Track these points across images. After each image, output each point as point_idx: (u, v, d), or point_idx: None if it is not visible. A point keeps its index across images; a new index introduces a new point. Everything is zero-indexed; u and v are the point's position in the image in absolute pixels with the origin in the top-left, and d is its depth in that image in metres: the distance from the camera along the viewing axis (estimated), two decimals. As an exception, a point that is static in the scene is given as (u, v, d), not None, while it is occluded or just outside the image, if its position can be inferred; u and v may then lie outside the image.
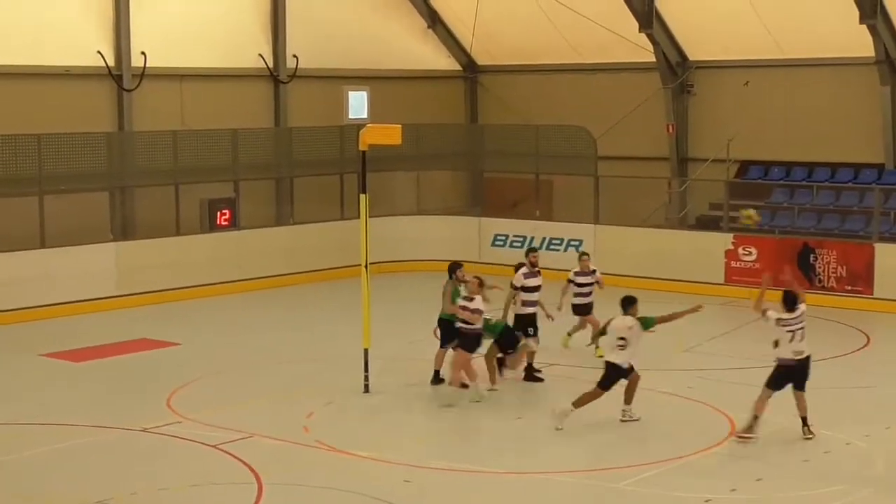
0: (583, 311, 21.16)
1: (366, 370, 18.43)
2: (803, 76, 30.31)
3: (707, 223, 30.09)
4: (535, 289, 19.48)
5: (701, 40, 31.46)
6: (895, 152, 28.98)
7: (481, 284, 18.29)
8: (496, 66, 35.65)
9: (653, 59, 31.59)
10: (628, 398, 16.82)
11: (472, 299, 18.10)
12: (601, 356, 17.99)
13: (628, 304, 16.96)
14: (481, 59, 35.85)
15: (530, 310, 19.42)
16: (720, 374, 19.89)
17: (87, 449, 15.88)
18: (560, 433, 16.51)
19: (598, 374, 16.84)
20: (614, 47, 31.88)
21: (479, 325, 18.09)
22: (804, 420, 15.99)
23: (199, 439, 15.58)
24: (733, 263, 27.62)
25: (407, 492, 14.09)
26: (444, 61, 35.65)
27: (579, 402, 16.59)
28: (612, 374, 16.57)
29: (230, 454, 14.19)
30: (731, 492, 14.08)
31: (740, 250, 27.57)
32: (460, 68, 35.95)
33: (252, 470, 14.67)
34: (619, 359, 16.54)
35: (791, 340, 16.10)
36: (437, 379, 18.89)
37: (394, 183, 31.84)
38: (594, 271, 21.32)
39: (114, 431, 16.54)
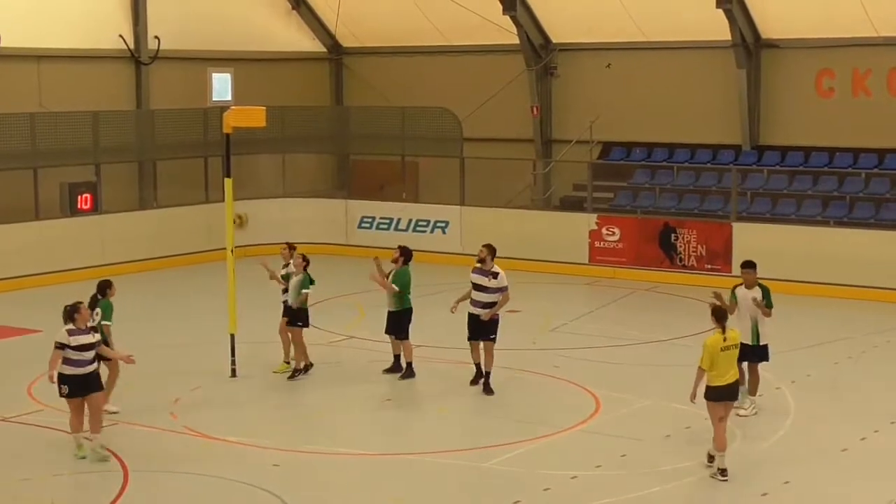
0: None
1: (232, 355, 18.30)
2: (664, 59, 30.85)
3: (571, 204, 30.48)
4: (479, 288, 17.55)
5: (564, 23, 31.79)
6: (751, 133, 29.70)
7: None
8: (361, 49, 35.56)
9: (517, 41, 31.83)
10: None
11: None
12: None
13: None
14: (346, 42, 35.72)
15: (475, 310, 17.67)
16: (585, 353, 20.18)
17: (-55, 440, 15.50)
18: (427, 415, 16.62)
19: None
20: (479, 30, 32.03)
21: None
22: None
23: (63, 428, 15.29)
24: (597, 244, 28.04)
25: (276, 476, 14.04)
26: (308, 43, 35.44)
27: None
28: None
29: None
30: (596, 468, 14.33)
31: (604, 231, 27.99)
32: (325, 50, 35.78)
33: (118, 457, 14.47)
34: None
35: None
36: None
37: (259, 166, 31.60)
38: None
39: (-27, 422, 16.16)
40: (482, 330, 17.50)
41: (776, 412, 16.52)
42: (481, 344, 17.58)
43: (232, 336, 18.33)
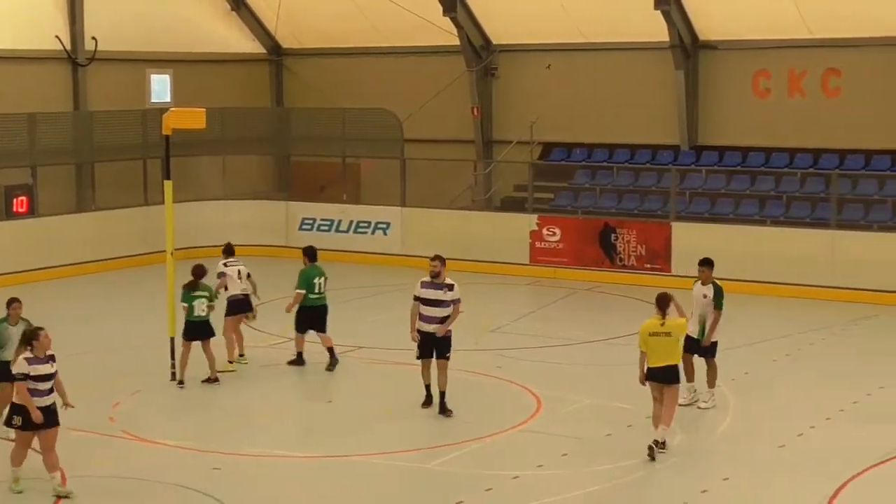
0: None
1: (172, 358, 18.17)
2: (603, 60, 31.03)
3: (512, 205, 30.58)
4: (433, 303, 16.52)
5: (504, 24, 31.89)
6: (690, 134, 29.95)
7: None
8: (302, 50, 35.46)
9: (457, 42, 31.90)
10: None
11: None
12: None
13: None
14: (286, 43, 35.61)
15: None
16: (527, 353, 20.25)
17: None
18: (370, 416, 16.59)
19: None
20: (419, 31, 32.05)
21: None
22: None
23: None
24: (538, 244, 28.13)
25: (216, 480, 13.96)
26: (248, 44, 35.29)
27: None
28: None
29: (32, 448, 13.81)
30: (538, 468, 14.39)
31: (545, 231, 28.10)
32: (265, 51, 35.64)
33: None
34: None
35: None
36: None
37: (199, 168, 31.41)
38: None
39: None
40: (438, 348, 16.45)
41: (716, 410, 16.67)
42: (433, 362, 16.59)
43: (171, 339, 18.21)
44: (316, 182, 32.42)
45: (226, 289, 19.06)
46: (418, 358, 16.61)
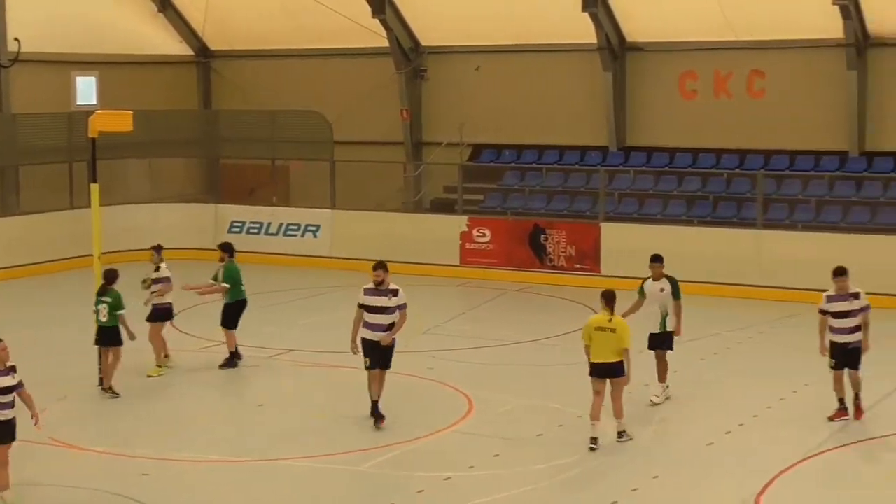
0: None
1: (99, 363, 17.98)
2: (532, 62, 31.17)
3: (442, 206, 30.62)
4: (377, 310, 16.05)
5: (433, 26, 31.93)
6: (618, 135, 30.18)
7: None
8: (230, 52, 35.26)
9: (386, 44, 31.88)
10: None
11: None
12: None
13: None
14: (214, 44, 35.39)
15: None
16: (458, 355, 20.28)
17: None
18: (301, 419, 16.54)
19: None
20: (348, 33, 31.99)
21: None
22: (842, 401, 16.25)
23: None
24: (468, 245, 28.20)
25: (146, 486, 13.84)
26: (175, 46, 35.02)
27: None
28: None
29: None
30: (469, 469, 14.42)
31: (475, 232, 28.17)
32: (192, 53, 35.39)
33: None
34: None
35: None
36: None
37: (126, 170, 31.12)
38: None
39: None
40: (385, 357, 16.06)
41: (645, 409, 16.80)
42: (377, 372, 16.08)
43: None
44: (245, 184, 32.26)
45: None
46: (368, 368, 16.00)
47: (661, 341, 17.17)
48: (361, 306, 16.04)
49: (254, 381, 18.59)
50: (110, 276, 17.90)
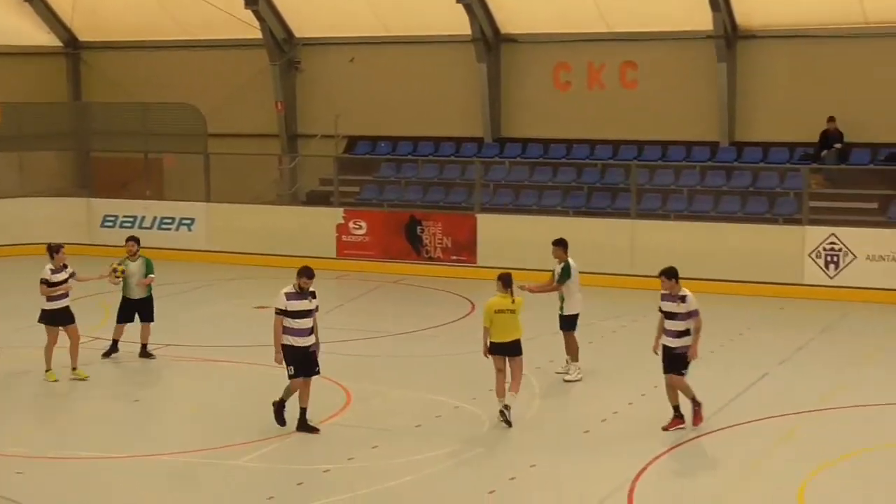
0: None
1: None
2: (406, 53, 31.23)
3: (318, 198, 30.52)
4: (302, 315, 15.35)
5: (307, 18, 31.79)
6: (493, 126, 30.39)
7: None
8: (100, 43, 34.66)
9: (260, 35, 31.64)
10: None
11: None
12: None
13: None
14: (84, 35, 34.75)
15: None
16: (335, 347, 20.21)
17: None
18: (178, 414, 16.37)
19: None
20: (221, 24, 31.69)
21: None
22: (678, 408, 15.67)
23: None
24: (344, 237, 28.16)
25: (19, 484, 13.57)
26: (43, 37, 34.30)
27: None
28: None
29: None
30: (348, 460, 14.42)
31: (351, 224, 28.14)
32: (61, 44, 34.70)
33: None
34: None
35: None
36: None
37: (-7, 164, 30.46)
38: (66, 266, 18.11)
39: None
40: (310, 363, 15.43)
41: (522, 398, 16.94)
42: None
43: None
44: (118, 178, 31.77)
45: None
46: (293, 377, 15.26)
47: (561, 322, 18.06)
48: (283, 312, 15.13)
49: (130, 376, 18.33)
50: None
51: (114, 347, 19.14)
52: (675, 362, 15.51)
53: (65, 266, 17.98)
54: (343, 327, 21.81)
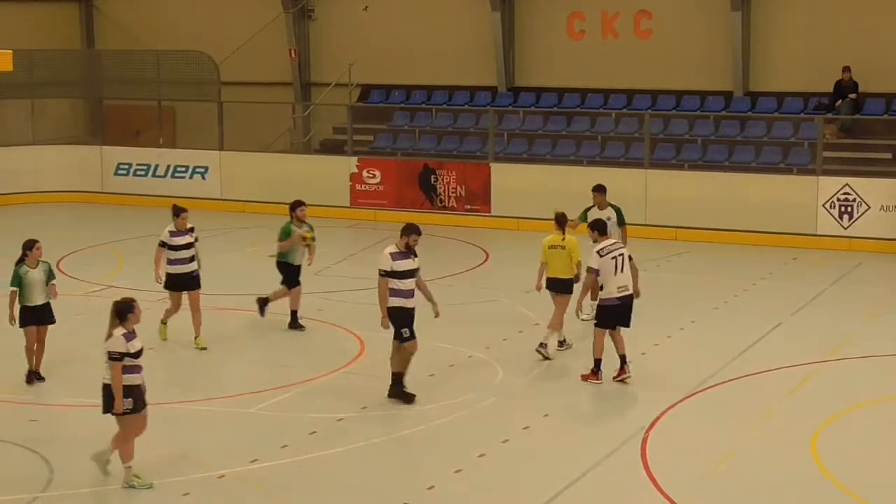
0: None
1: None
2: (421, 1, 31.10)
3: (331, 147, 30.48)
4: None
5: (320, -36, 31.63)
6: (507, 75, 30.25)
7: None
8: (112, -10, 34.56)
9: (273, -18, 31.51)
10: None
11: None
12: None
13: None
14: (95, -18, 34.65)
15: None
16: (349, 296, 20.29)
17: None
18: (191, 363, 16.44)
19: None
20: (233, -29, 31.58)
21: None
22: (623, 359, 15.49)
23: None
24: (358, 186, 28.13)
25: (33, 431, 13.67)
26: (56, -16, 34.21)
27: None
28: None
29: None
30: (362, 409, 14.49)
31: (365, 173, 28.10)
32: (74, -9, 34.60)
33: None
34: None
35: (615, 273, 15.36)
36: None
37: (5, 112, 30.41)
38: (191, 229, 17.35)
39: None
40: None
41: (480, 383, 16.86)
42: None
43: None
44: (130, 126, 31.73)
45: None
46: (408, 340, 14.78)
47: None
48: (389, 273, 14.78)
49: (146, 325, 18.33)
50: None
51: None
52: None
53: (191, 229, 17.16)
54: (356, 276, 21.82)
